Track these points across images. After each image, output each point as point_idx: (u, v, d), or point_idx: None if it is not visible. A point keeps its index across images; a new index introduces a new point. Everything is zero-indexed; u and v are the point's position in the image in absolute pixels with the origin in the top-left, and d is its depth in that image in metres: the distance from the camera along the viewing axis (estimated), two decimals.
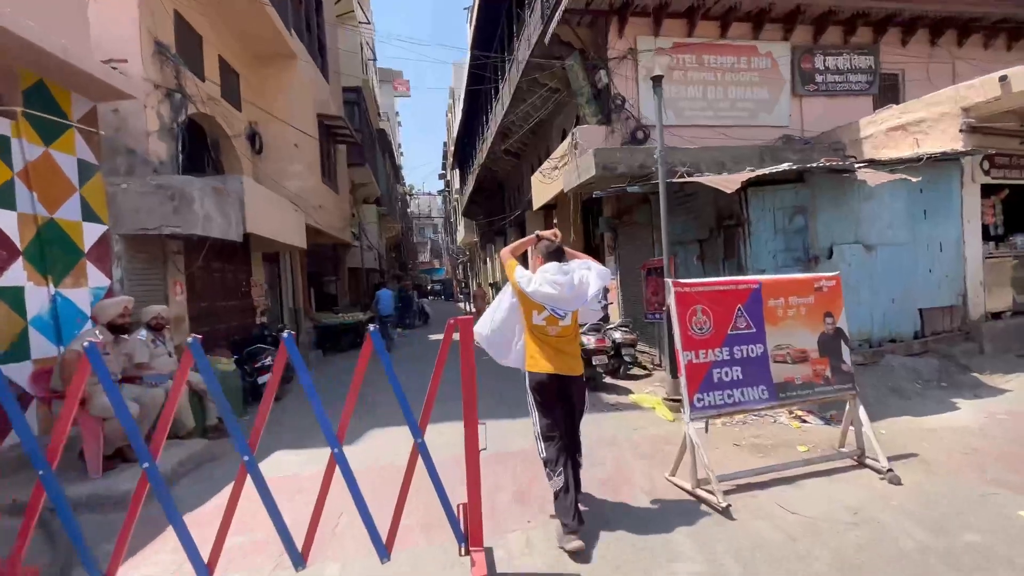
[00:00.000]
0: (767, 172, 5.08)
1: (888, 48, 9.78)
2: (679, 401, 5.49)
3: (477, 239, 31.60)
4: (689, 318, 3.48)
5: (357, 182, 20.12)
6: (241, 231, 6.58)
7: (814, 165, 5.46)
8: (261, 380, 7.21)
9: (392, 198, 29.98)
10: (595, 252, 10.56)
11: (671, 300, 3.51)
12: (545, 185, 11.36)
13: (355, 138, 12.77)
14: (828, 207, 5.87)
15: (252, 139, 9.11)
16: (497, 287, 24.61)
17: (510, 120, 13.73)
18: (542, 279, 2.96)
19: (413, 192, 47.14)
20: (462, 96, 25.08)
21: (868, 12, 9.03)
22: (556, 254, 3.18)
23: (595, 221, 10.34)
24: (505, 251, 3.27)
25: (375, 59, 24.90)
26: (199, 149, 7.73)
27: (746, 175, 5.01)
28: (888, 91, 9.88)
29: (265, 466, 4.35)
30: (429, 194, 46.67)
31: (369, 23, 22.04)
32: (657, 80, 5.56)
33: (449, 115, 38.95)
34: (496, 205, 23.37)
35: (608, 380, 6.90)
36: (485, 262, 31.06)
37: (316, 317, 12.74)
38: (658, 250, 7.45)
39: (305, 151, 9.89)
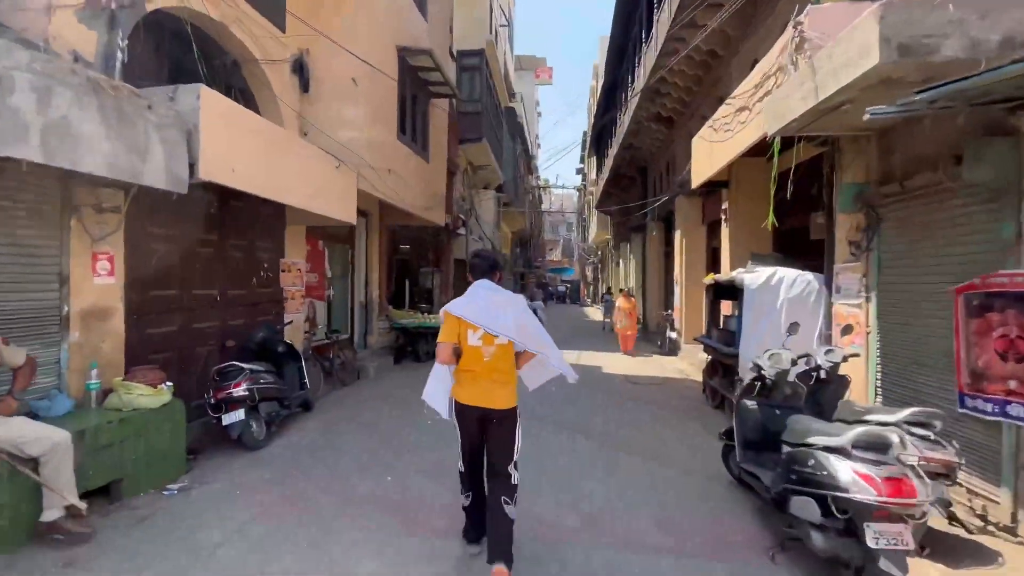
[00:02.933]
0: None
1: None
2: None
3: (610, 236, 27.46)
4: None
5: (475, 164, 17.72)
6: (185, 178, 3.90)
7: None
8: (228, 420, 4.55)
9: (519, 189, 27.42)
10: (810, 255, 6.11)
11: None
12: (716, 146, 7.20)
13: (452, 90, 9.96)
14: None
15: (299, 71, 6.69)
16: (630, 293, 20.37)
17: (665, 63, 9.65)
18: (468, 293, 2.88)
19: (548, 186, 44.38)
20: (603, 78, 21.25)
21: None
22: (488, 271, 2.95)
23: (806, 203, 5.90)
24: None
25: (509, 25, 22.33)
26: (210, 72, 5.38)
27: None
28: None
29: None
30: (563, 187, 43.49)
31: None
32: None
33: (591, 99, 35.24)
34: (635, 196, 19.15)
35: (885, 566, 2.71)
36: (618, 263, 26.79)
37: (393, 315, 10.29)
38: None
39: (370, 91, 7.24)
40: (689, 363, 10.58)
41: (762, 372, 3.45)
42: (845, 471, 2.45)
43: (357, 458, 4.60)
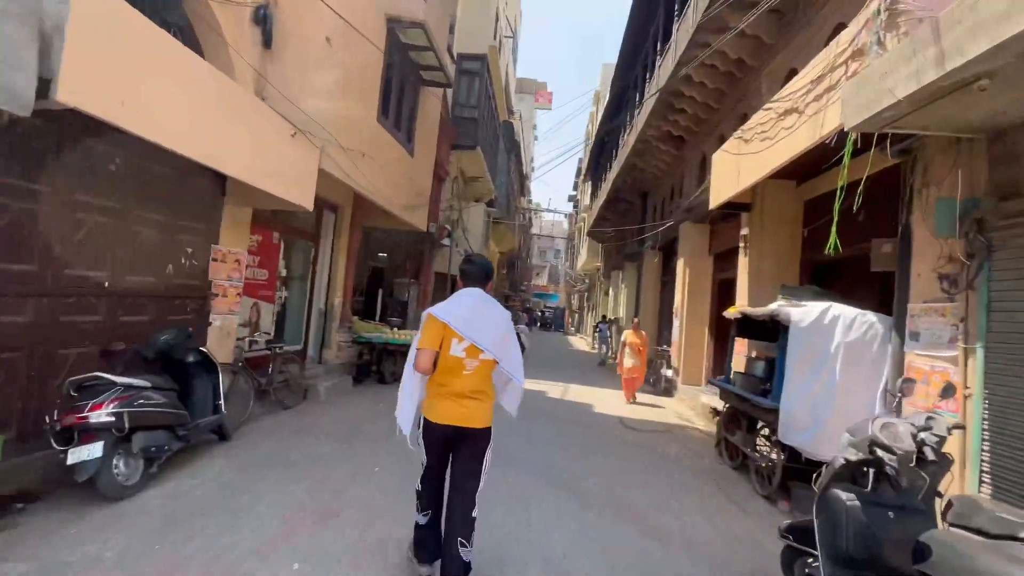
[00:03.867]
0: None
1: None
2: None
3: (600, 264, 26.56)
4: None
5: (467, 174, 16.72)
6: (29, 96, 2.63)
7: None
8: (76, 457, 3.18)
9: (511, 207, 26.51)
10: (854, 291, 5.05)
11: None
12: (744, 161, 6.21)
13: (447, 78, 8.89)
14: None
15: (262, 22, 5.52)
16: (618, 324, 19.31)
17: (683, 72, 8.75)
18: (456, 299, 2.62)
19: (540, 209, 43.75)
20: (607, 98, 20.69)
21: None
22: (481, 279, 2.68)
23: (855, 228, 4.83)
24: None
25: (514, 37, 21.73)
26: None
27: None
28: None
29: None
30: (554, 212, 42.87)
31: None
32: None
33: (590, 126, 34.94)
34: (632, 222, 18.29)
35: None
36: (607, 292, 25.84)
37: (357, 328, 8.93)
38: None
39: (348, 58, 6.10)
40: (689, 407, 9.40)
41: (879, 454, 2.26)
42: None
43: (263, 524, 3.23)
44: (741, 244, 7.82)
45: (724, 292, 10.33)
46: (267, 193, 5.08)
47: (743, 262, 7.73)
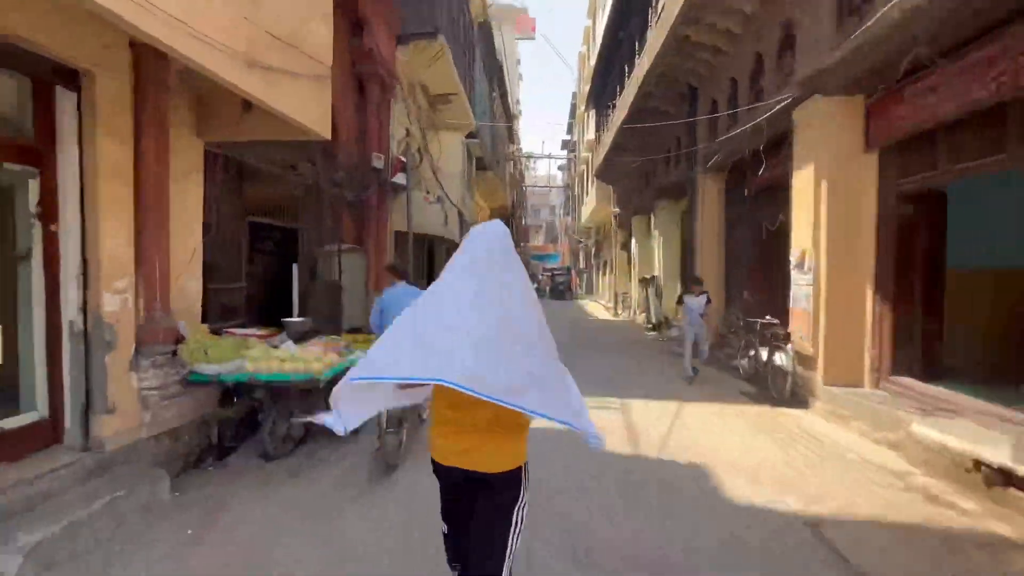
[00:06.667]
0: None
1: None
2: None
3: (616, 210, 21.51)
4: None
5: (432, 89, 11.66)
6: None
7: None
8: None
9: (497, 149, 21.27)
10: None
11: None
12: None
13: None
14: None
15: None
16: (656, 284, 14.61)
17: None
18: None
19: (533, 155, 38.12)
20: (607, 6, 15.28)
21: None
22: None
23: None
24: None
25: None
26: None
27: None
28: None
29: None
30: (551, 156, 37.30)
31: None
32: None
33: (584, 47, 29.19)
34: (659, 148, 13.25)
35: None
36: (625, 245, 20.93)
37: (196, 352, 4.12)
38: None
39: None
40: (888, 442, 4.75)
41: None
42: None
43: None
44: None
45: (914, 217, 5.58)
46: None
47: None
